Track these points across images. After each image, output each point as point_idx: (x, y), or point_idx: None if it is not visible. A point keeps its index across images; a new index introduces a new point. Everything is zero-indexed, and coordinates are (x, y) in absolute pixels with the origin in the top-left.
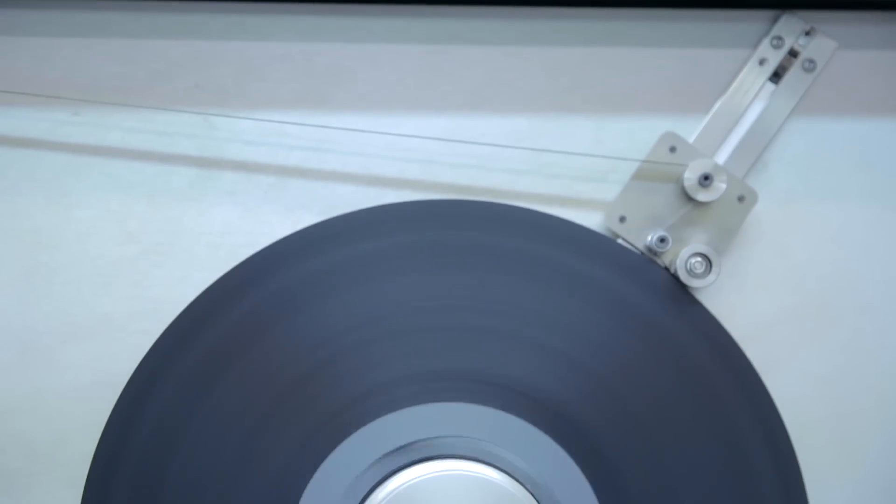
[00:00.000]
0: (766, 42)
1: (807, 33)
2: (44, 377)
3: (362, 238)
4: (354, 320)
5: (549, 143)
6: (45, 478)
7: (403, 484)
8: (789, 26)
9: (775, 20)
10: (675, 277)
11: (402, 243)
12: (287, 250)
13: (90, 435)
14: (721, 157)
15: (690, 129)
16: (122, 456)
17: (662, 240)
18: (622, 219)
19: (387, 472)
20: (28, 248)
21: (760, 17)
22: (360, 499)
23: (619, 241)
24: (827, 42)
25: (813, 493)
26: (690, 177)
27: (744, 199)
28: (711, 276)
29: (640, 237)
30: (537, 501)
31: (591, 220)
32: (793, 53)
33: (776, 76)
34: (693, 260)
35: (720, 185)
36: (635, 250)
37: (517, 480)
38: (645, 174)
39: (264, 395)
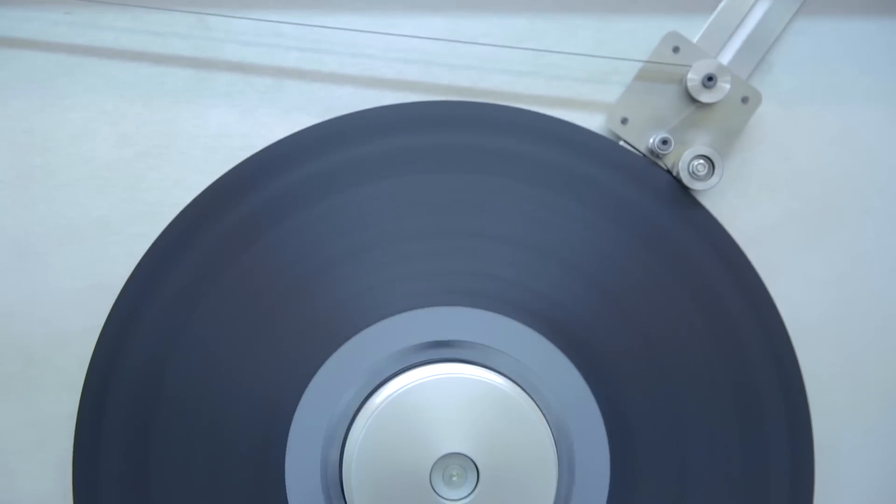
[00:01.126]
0: None
1: None
2: (40, 281)
3: (361, 140)
4: (353, 223)
5: (549, 44)
6: (42, 382)
7: (401, 388)
8: None
9: None
10: (678, 180)
11: (401, 146)
12: (284, 153)
13: (87, 339)
14: (725, 58)
15: (694, 29)
16: (119, 360)
17: (665, 142)
18: (624, 120)
19: (384, 376)
20: (22, 150)
21: None
22: (358, 403)
23: (621, 143)
24: None
25: (813, 395)
26: (694, 77)
27: (748, 101)
28: (714, 179)
29: (643, 139)
30: (535, 402)
31: (593, 122)
32: None
33: None
34: (696, 162)
35: (724, 86)
36: (637, 153)
37: (517, 384)
38: (647, 75)
39: (261, 299)
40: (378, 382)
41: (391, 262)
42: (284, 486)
